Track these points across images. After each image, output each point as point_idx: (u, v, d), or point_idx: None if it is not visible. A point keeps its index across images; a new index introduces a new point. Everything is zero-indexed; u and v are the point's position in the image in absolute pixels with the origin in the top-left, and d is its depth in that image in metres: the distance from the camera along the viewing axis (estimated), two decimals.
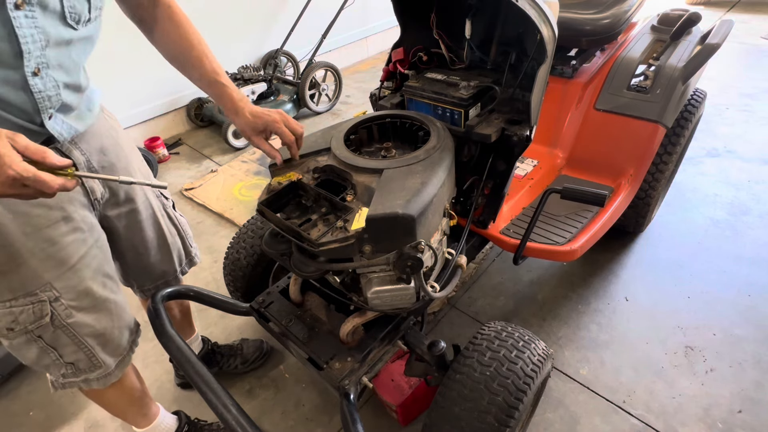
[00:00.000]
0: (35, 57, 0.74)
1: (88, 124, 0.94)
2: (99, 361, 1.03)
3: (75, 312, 0.95)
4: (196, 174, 2.93)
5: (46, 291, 0.90)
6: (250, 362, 1.64)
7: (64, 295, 0.92)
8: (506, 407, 0.98)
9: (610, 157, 1.70)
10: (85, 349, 1.00)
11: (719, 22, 1.71)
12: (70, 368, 1.00)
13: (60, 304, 0.92)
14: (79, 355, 1.00)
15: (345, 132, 1.13)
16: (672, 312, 1.73)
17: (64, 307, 0.93)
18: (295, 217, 0.99)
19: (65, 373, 1.01)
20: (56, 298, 0.91)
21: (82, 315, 0.96)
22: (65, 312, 0.94)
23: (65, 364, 0.99)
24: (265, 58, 3.62)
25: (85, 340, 0.99)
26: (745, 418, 1.39)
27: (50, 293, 0.91)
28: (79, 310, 0.95)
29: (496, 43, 1.33)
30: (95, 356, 1.02)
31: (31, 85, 0.76)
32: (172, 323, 1.15)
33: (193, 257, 1.35)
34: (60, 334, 0.95)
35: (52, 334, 0.94)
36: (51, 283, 0.90)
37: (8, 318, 0.88)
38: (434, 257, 1.04)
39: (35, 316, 0.90)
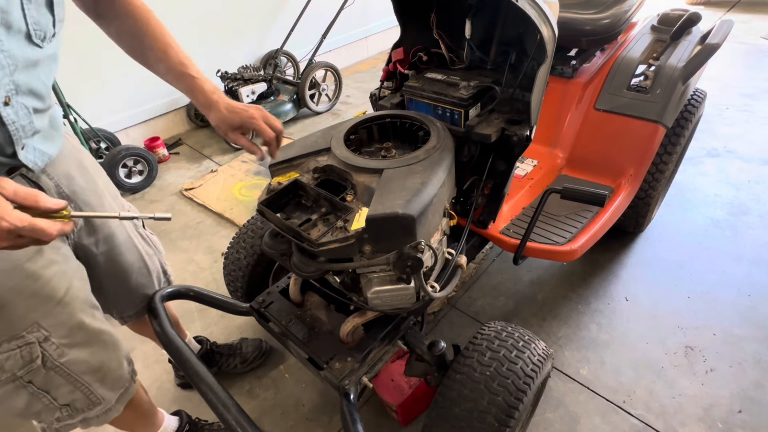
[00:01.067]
0: (4, 85, 0.68)
1: (58, 146, 0.87)
2: (98, 397, 0.97)
3: (68, 349, 0.87)
4: (196, 174, 2.93)
5: (34, 332, 0.82)
6: (250, 362, 1.64)
7: (54, 333, 0.85)
8: (506, 407, 0.98)
9: (610, 157, 1.70)
10: (82, 388, 0.93)
11: (719, 22, 1.71)
12: (66, 410, 0.93)
13: (50, 343, 0.84)
14: (76, 395, 0.93)
15: (345, 132, 1.12)
16: (672, 312, 1.73)
17: (56, 347, 0.85)
18: (295, 217, 0.99)
19: (60, 417, 0.93)
20: (45, 338, 0.84)
21: (76, 351, 0.89)
22: (57, 351, 0.86)
23: (60, 407, 0.92)
24: (265, 58, 3.62)
25: (81, 378, 0.91)
26: (745, 418, 1.39)
27: (38, 333, 0.82)
28: (72, 346, 0.88)
29: (496, 43, 1.33)
30: (93, 393, 0.95)
31: (3, 116, 0.69)
32: (172, 323, 1.15)
33: (168, 275, 1.29)
34: (53, 376, 0.87)
35: (44, 377, 0.86)
36: (38, 323, 0.82)
37: None
38: (434, 257, 1.04)
39: (24, 360, 0.82)
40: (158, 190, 2.78)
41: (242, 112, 0.97)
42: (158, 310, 1.15)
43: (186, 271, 2.14)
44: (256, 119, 0.97)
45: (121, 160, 2.62)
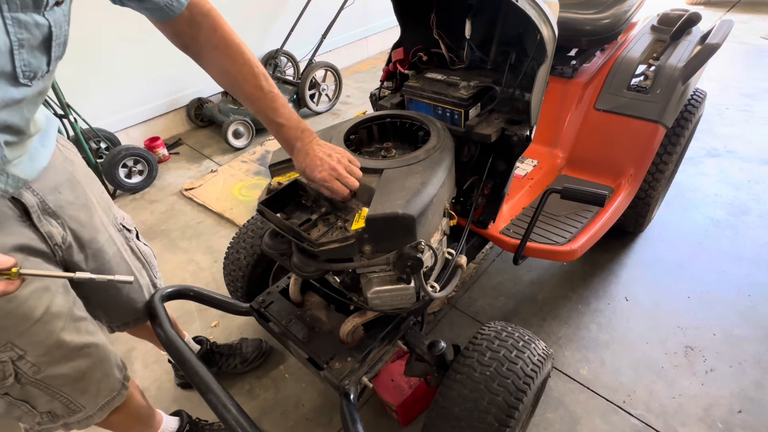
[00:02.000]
0: None
1: (43, 164, 0.84)
2: (78, 406, 0.96)
3: (45, 366, 0.86)
4: (196, 174, 2.93)
5: (7, 351, 0.81)
6: (250, 362, 1.64)
7: (30, 352, 0.83)
8: (506, 407, 0.98)
9: (610, 157, 1.70)
10: (60, 398, 0.92)
11: (719, 22, 1.71)
12: (46, 416, 0.93)
13: (25, 362, 0.83)
14: (55, 404, 0.92)
15: (345, 132, 1.12)
16: (672, 312, 1.73)
17: (31, 365, 0.84)
18: (295, 217, 0.99)
19: (41, 421, 0.94)
20: (20, 357, 0.82)
21: (55, 367, 0.88)
22: (32, 369, 0.85)
23: (39, 414, 0.92)
24: (265, 58, 3.62)
25: (60, 389, 0.91)
26: (745, 418, 1.39)
27: (11, 353, 0.81)
28: (50, 363, 0.87)
29: (496, 43, 1.33)
30: (73, 402, 0.95)
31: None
32: (172, 323, 1.15)
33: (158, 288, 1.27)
34: (29, 389, 0.87)
35: (20, 391, 0.86)
36: (12, 342, 0.81)
37: None
38: (434, 257, 1.04)
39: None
40: (158, 190, 2.78)
41: (314, 171, 0.93)
42: (158, 310, 1.15)
43: (186, 271, 2.14)
44: (328, 182, 0.92)
45: (121, 160, 2.62)
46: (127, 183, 2.70)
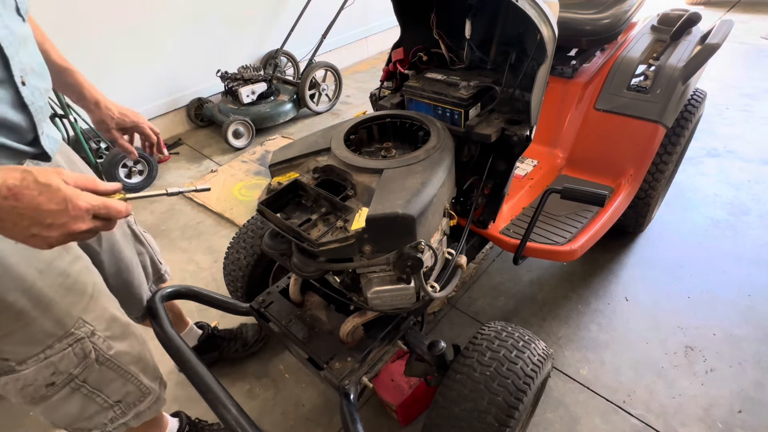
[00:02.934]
0: (16, 63, 0.67)
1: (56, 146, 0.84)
2: (147, 387, 0.98)
3: (112, 342, 0.88)
4: (196, 174, 2.93)
5: (81, 327, 0.81)
6: (250, 345, 1.66)
7: (97, 327, 0.85)
8: (506, 407, 0.98)
9: (610, 157, 1.70)
10: (132, 379, 0.94)
11: (719, 22, 1.71)
12: (118, 408, 0.94)
13: (98, 337, 0.85)
14: (128, 387, 0.94)
15: (345, 132, 1.12)
16: (672, 312, 1.73)
17: (102, 340, 0.86)
18: (295, 217, 0.99)
19: (113, 417, 0.94)
20: (92, 332, 0.84)
21: (119, 343, 0.90)
22: (105, 344, 0.86)
23: (113, 405, 0.92)
24: (265, 58, 3.62)
25: (129, 368, 0.93)
26: (745, 418, 1.39)
27: (85, 328, 0.82)
28: (114, 339, 0.89)
29: (496, 43, 1.33)
30: (142, 383, 0.97)
31: (23, 97, 0.68)
32: (172, 323, 1.15)
33: (162, 274, 1.29)
34: (105, 371, 0.88)
35: (97, 374, 0.86)
36: (82, 318, 0.82)
37: (46, 372, 0.78)
38: (434, 257, 1.04)
39: (77, 357, 0.82)
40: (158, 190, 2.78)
41: (133, 115, 1.06)
42: (158, 310, 1.15)
43: (186, 271, 2.14)
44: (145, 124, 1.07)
45: (121, 160, 2.63)
46: (127, 183, 2.70)
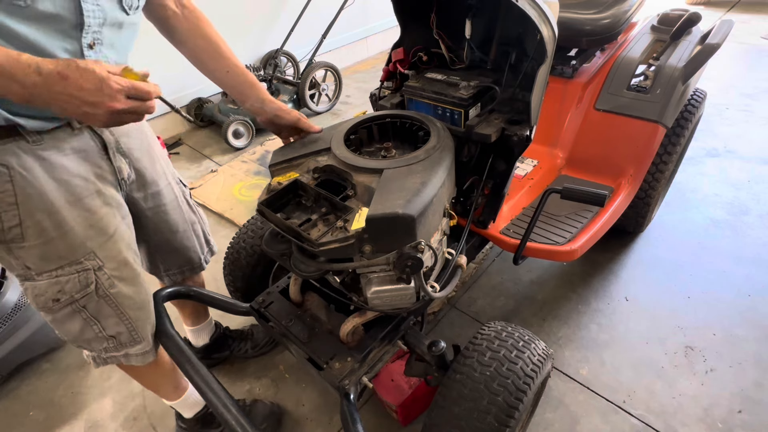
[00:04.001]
0: (92, 31, 0.79)
1: None
2: (139, 335, 1.05)
3: (116, 282, 0.97)
4: (196, 174, 2.93)
5: (90, 259, 0.92)
6: (260, 347, 1.67)
7: (106, 264, 0.95)
8: (506, 407, 0.98)
9: (610, 157, 1.70)
10: (126, 322, 1.02)
11: (719, 22, 1.71)
12: (112, 342, 1.02)
13: (103, 273, 0.94)
14: (121, 328, 1.02)
15: (345, 132, 1.12)
16: (672, 312, 1.73)
17: (107, 276, 0.95)
18: (295, 217, 0.99)
19: (107, 347, 1.03)
20: (99, 267, 0.94)
21: (123, 285, 0.99)
22: (108, 281, 0.96)
23: (107, 338, 1.01)
24: (265, 58, 3.62)
25: (127, 312, 1.01)
26: (745, 418, 1.39)
27: (94, 262, 0.92)
28: (120, 280, 0.98)
29: (496, 43, 1.33)
30: (135, 330, 1.04)
31: (85, 56, 0.79)
32: (172, 323, 1.15)
33: (212, 246, 1.38)
34: (103, 305, 0.97)
35: (96, 305, 0.96)
36: (94, 252, 0.92)
37: (54, 288, 0.90)
38: (434, 257, 1.04)
39: (81, 284, 0.92)
40: None
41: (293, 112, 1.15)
42: (158, 309, 1.15)
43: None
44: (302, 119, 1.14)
45: None
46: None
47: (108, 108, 0.70)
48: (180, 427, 1.40)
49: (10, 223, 0.82)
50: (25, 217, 0.83)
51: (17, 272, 0.90)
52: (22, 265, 0.88)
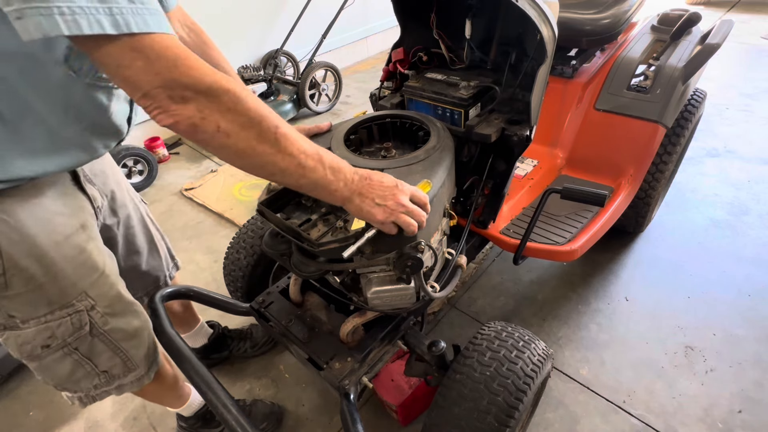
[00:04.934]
0: None
1: None
2: (134, 364, 1.03)
3: (110, 318, 0.94)
4: (196, 174, 2.93)
5: (83, 300, 0.88)
6: (260, 346, 1.67)
7: (99, 302, 0.91)
8: (506, 407, 0.98)
9: (610, 157, 1.70)
10: (120, 354, 0.99)
11: (719, 22, 1.71)
12: (104, 377, 0.99)
13: (96, 312, 0.91)
14: (115, 361, 0.99)
15: (345, 132, 1.12)
16: (672, 312, 1.73)
17: (100, 315, 0.92)
18: (295, 217, 0.99)
19: (97, 384, 0.99)
20: (92, 307, 0.90)
21: (116, 320, 0.96)
22: (102, 320, 0.92)
23: (99, 374, 0.98)
24: (265, 58, 3.62)
25: (120, 344, 0.98)
26: (745, 418, 1.39)
27: (86, 302, 0.89)
28: (113, 315, 0.95)
29: (496, 43, 1.33)
30: (130, 360, 1.02)
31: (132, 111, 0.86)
32: (172, 323, 1.15)
33: (176, 260, 1.35)
34: (96, 343, 0.94)
35: (89, 344, 0.92)
36: (86, 292, 0.88)
37: (44, 334, 0.85)
38: (434, 257, 1.04)
39: (74, 327, 0.88)
40: (158, 190, 2.78)
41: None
42: (158, 310, 1.15)
43: (186, 271, 2.14)
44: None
45: (121, 160, 2.62)
46: None
47: (396, 200, 0.78)
48: (180, 426, 1.40)
49: None
50: (10, 265, 0.76)
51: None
52: (3, 315, 0.81)
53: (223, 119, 0.62)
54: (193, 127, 0.61)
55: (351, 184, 0.77)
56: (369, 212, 0.79)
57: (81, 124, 0.78)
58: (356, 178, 0.78)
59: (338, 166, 0.76)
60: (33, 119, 0.72)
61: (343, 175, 0.76)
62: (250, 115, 0.64)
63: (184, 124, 0.61)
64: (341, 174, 0.76)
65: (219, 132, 0.63)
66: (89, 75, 0.75)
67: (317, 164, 0.73)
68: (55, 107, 0.73)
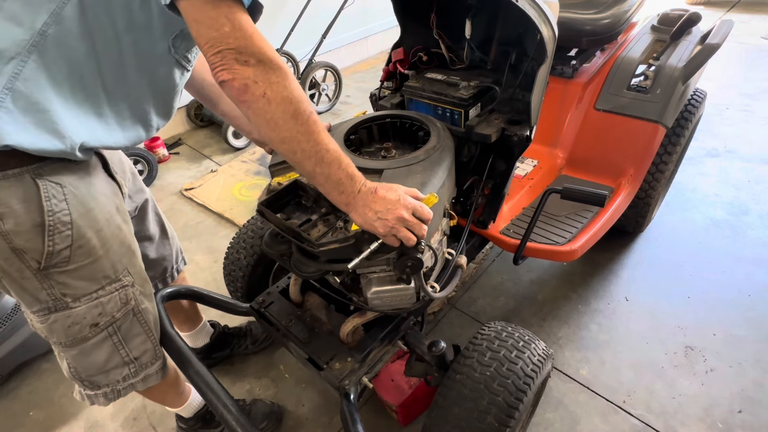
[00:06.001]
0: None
1: None
2: (159, 351, 1.06)
3: (143, 298, 0.98)
4: (196, 174, 2.93)
5: (126, 276, 0.92)
6: (260, 342, 1.68)
7: (136, 281, 0.95)
8: (506, 407, 0.98)
9: (610, 157, 1.70)
10: (152, 338, 1.03)
11: (719, 22, 1.71)
12: (133, 366, 1.01)
13: (135, 289, 0.95)
14: (147, 346, 1.02)
15: (345, 132, 1.12)
16: (672, 312, 1.73)
17: (139, 292, 0.96)
18: (295, 217, 0.99)
19: (127, 374, 1.01)
20: (132, 284, 0.94)
21: (147, 302, 1.00)
22: (139, 298, 0.96)
23: (131, 362, 1.00)
24: None
25: (151, 328, 1.02)
26: (745, 418, 1.39)
27: (129, 278, 0.93)
28: (145, 296, 0.98)
29: (496, 43, 1.33)
30: (157, 346, 1.05)
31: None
32: (173, 323, 1.15)
33: (184, 256, 1.39)
34: (135, 324, 0.97)
35: (129, 324, 0.96)
36: (128, 268, 0.93)
37: (95, 311, 0.88)
38: (434, 257, 1.04)
39: (121, 302, 0.92)
40: (158, 190, 2.78)
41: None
42: (158, 309, 1.15)
43: (186, 271, 2.12)
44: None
45: None
46: None
47: (397, 214, 0.80)
48: (180, 428, 1.40)
49: (61, 245, 0.79)
50: (78, 236, 0.80)
51: (43, 305, 0.84)
52: (56, 294, 0.83)
53: (270, 88, 0.70)
54: (245, 87, 0.69)
55: (358, 193, 0.82)
56: (371, 225, 0.83)
57: (154, 100, 0.87)
58: (364, 189, 0.82)
59: (353, 173, 0.81)
60: (125, 91, 0.81)
61: (354, 182, 0.81)
62: (293, 93, 0.73)
63: (239, 82, 0.69)
64: (352, 181, 0.81)
65: (263, 97, 0.70)
66: (180, 52, 0.85)
67: (335, 161, 0.78)
68: (143, 80, 0.82)
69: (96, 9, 0.72)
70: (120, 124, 0.84)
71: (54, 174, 0.77)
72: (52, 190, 0.76)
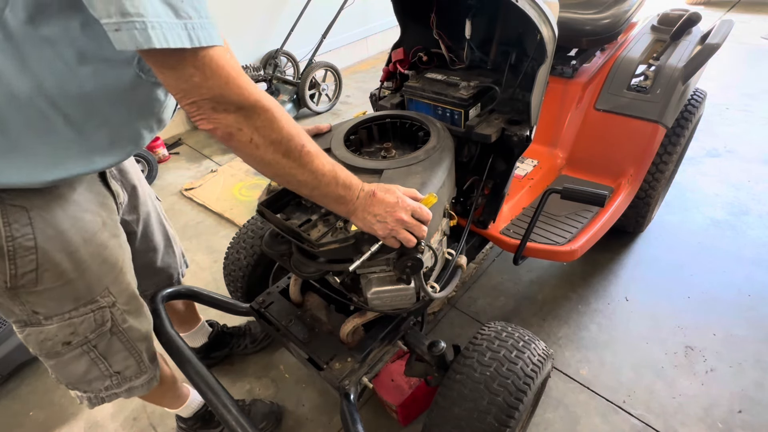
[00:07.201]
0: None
1: None
2: (146, 365, 1.03)
3: (127, 316, 0.95)
4: (196, 174, 2.93)
5: (105, 297, 0.89)
6: (259, 341, 1.68)
7: (119, 300, 0.92)
8: (506, 407, 0.98)
9: (610, 157, 1.70)
10: (135, 355, 1.00)
11: (719, 22, 1.71)
12: (116, 378, 0.99)
13: (117, 309, 0.92)
14: (129, 362, 0.99)
15: (345, 132, 1.12)
16: (672, 312, 1.73)
17: (120, 312, 0.93)
18: (295, 217, 0.99)
19: (109, 385, 0.99)
20: (113, 303, 0.91)
21: (132, 319, 0.97)
22: (121, 317, 0.93)
23: (112, 375, 0.98)
24: (265, 58, 3.62)
25: (136, 344, 0.99)
26: (745, 418, 1.39)
27: (108, 298, 0.90)
28: (129, 314, 0.96)
29: (496, 43, 1.33)
30: (143, 361, 1.02)
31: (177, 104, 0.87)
32: (172, 323, 1.15)
33: (185, 259, 1.38)
34: (114, 342, 0.94)
35: (107, 343, 0.93)
36: (108, 288, 0.90)
37: (66, 330, 0.86)
38: (434, 257, 1.04)
39: (96, 323, 0.89)
40: (158, 190, 2.78)
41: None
42: (159, 310, 1.16)
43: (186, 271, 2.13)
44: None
45: None
46: None
47: (396, 216, 0.80)
48: (180, 428, 1.40)
49: (25, 269, 0.76)
50: (44, 260, 0.77)
51: (17, 318, 0.83)
52: (27, 311, 0.82)
53: (256, 133, 0.68)
54: (229, 135, 0.68)
55: (357, 200, 0.82)
56: (371, 228, 0.84)
57: (140, 121, 0.82)
58: (362, 194, 0.82)
59: (350, 183, 0.81)
60: (98, 120, 0.75)
61: (352, 191, 0.82)
62: (281, 134, 0.71)
63: (221, 131, 0.67)
64: (350, 190, 0.81)
65: (251, 143, 0.69)
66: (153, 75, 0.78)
67: (331, 181, 0.79)
68: (119, 107, 0.77)
69: (27, 42, 0.62)
70: (102, 150, 0.79)
71: (18, 198, 0.73)
72: (15, 215, 0.73)
